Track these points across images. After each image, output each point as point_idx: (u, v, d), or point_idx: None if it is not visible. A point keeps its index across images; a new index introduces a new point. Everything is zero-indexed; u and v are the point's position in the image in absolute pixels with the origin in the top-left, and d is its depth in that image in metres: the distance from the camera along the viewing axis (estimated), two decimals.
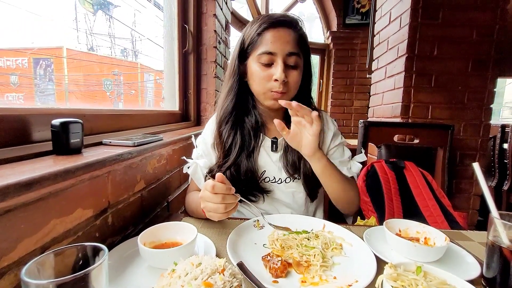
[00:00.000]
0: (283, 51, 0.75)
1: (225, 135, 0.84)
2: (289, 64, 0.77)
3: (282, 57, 0.75)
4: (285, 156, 0.85)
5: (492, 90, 1.72)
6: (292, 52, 0.76)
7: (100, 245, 0.36)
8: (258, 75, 0.78)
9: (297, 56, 0.77)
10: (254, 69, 0.79)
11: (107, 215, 0.61)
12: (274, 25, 0.76)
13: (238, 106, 0.84)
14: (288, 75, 0.76)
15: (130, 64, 4.49)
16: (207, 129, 0.92)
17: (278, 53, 0.75)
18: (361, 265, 0.56)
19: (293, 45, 0.76)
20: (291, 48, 0.76)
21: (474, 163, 0.57)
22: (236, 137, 0.84)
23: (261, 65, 0.77)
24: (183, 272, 0.41)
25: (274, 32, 0.75)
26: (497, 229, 0.48)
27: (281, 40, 0.75)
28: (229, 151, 0.84)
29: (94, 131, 0.79)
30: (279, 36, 0.75)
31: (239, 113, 0.85)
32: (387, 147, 1.63)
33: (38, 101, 2.35)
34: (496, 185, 2.45)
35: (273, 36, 0.75)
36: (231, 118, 0.84)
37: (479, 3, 1.66)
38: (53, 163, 0.50)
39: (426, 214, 1.20)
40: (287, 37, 0.76)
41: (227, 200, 0.63)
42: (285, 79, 0.75)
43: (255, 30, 0.77)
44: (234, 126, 0.84)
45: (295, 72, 0.78)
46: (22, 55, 2.48)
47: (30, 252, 0.41)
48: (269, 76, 0.76)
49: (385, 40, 2.01)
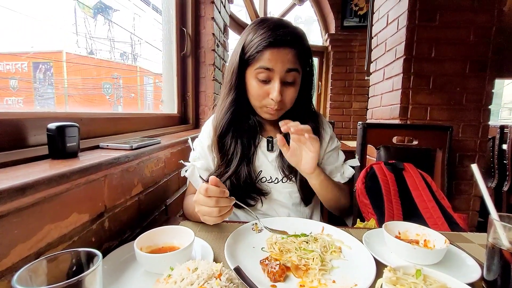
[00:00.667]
0: (282, 69, 0.74)
1: (227, 145, 0.84)
2: (287, 81, 0.76)
3: (279, 75, 0.74)
4: (281, 156, 0.85)
5: (490, 91, 1.73)
6: (291, 68, 0.74)
7: (94, 251, 0.35)
8: (255, 90, 0.77)
9: (295, 71, 0.76)
10: (251, 84, 0.78)
11: (104, 219, 0.60)
12: (274, 44, 0.73)
13: (238, 114, 0.84)
14: (284, 93, 0.76)
15: (130, 68, 4.50)
16: (204, 132, 0.92)
17: (276, 71, 0.74)
18: (360, 269, 0.56)
19: (292, 62, 0.75)
20: (290, 65, 0.74)
21: (473, 165, 0.56)
22: (237, 147, 0.83)
23: (258, 80, 0.76)
24: (179, 277, 0.40)
25: (274, 51, 0.73)
26: (497, 231, 0.48)
27: (280, 59, 0.74)
28: (230, 161, 0.83)
29: (91, 135, 0.79)
30: (279, 56, 0.73)
31: (239, 121, 0.84)
32: (386, 148, 1.63)
33: (38, 105, 2.36)
34: (496, 186, 2.44)
35: (272, 55, 0.73)
36: (232, 127, 0.84)
37: (475, 4, 1.67)
38: (49, 167, 0.50)
39: (426, 216, 1.20)
40: (287, 56, 0.74)
41: (221, 203, 0.61)
42: (280, 98, 0.75)
43: (255, 46, 0.74)
44: (235, 135, 0.84)
45: (292, 89, 0.77)
46: (21, 59, 2.49)
47: (24, 258, 0.41)
48: (265, 93, 0.77)
49: (383, 42, 2.02)
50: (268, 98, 0.77)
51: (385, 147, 1.63)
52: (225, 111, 0.83)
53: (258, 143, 0.87)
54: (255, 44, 0.74)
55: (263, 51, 0.73)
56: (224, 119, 0.83)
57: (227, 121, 0.83)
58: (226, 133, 0.84)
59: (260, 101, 0.79)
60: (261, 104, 0.79)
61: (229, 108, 0.83)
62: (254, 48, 0.74)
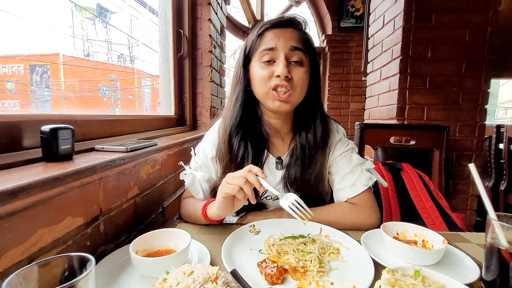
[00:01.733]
0: (286, 45, 0.71)
1: (235, 146, 0.79)
2: (293, 60, 0.72)
3: (284, 52, 0.71)
4: (287, 174, 0.81)
5: (486, 91, 1.74)
6: (295, 46, 0.71)
7: (87, 255, 0.35)
8: (260, 74, 0.73)
9: (301, 52, 0.72)
10: (256, 70, 0.75)
11: (99, 223, 0.60)
12: (275, 25, 0.73)
13: (246, 116, 0.80)
14: (291, 71, 0.71)
15: (127, 70, 4.49)
16: (208, 139, 0.87)
17: (279, 48, 0.71)
18: (358, 270, 0.55)
19: (296, 41, 0.72)
20: (294, 43, 0.71)
21: (470, 164, 0.56)
22: (248, 149, 0.78)
23: (262, 64, 0.73)
24: (175, 281, 0.39)
25: (275, 31, 0.72)
26: (495, 231, 0.48)
27: (283, 36, 0.71)
28: (241, 164, 0.77)
29: (86, 137, 0.78)
30: (281, 33, 0.72)
31: (248, 123, 0.80)
32: (384, 149, 1.63)
33: (34, 107, 2.34)
34: (493, 185, 2.45)
35: (273, 33, 0.72)
36: (241, 129, 0.79)
37: (471, 5, 1.68)
38: (42, 170, 0.49)
39: (424, 216, 1.20)
40: (289, 34, 0.72)
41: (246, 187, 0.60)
42: (288, 74, 0.70)
43: (256, 32, 0.75)
44: (244, 137, 0.79)
45: (301, 69, 0.72)
46: (18, 62, 2.47)
47: (16, 263, 0.40)
48: (270, 73, 0.72)
49: (380, 43, 2.02)
50: (273, 78, 0.72)
51: (382, 147, 1.63)
52: (232, 108, 0.80)
53: (265, 158, 0.82)
54: (256, 32, 0.74)
55: (264, 33, 0.73)
56: (233, 119, 0.79)
57: (236, 122, 0.79)
58: (236, 134, 0.79)
59: (266, 84, 0.73)
60: (267, 87, 0.73)
61: (238, 109, 0.79)
62: (255, 34, 0.74)
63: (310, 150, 0.80)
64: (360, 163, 0.82)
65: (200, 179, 0.83)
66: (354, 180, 0.79)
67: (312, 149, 0.80)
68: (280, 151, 0.84)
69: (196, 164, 0.86)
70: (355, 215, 0.76)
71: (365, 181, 0.79)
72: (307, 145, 0.80)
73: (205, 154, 0.85)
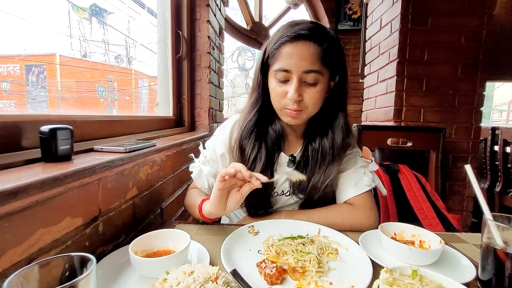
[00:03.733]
0: (299, 68, 0.69)
1: (248, 148, 0.79)
2: (307, 81, 0.71)
3: (297, 75, 0.70)
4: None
5: (482, 94, 1.76)
6: (309, 69, 0.69)
7: (88, 255, 0.35)
8: (275, 91, 0.74)
9: (316, 73, 0.70)
10: (272, 85, 0.75)
11: (98, 223, 0.59)
12: (292, 39, 0.69)
13: (262, 119, 0.80)
14: (304, 92, 0.72)
15: (124, 70, 4.47)
16: (219, 136, 0.88)
17: (293, 71, 0.70)
18: (357, 270, 0.56)
19: (312, 61, 0.69)
20: (308, 65, 0.69)
21: (466, 165, 0.57)
22: (261, 151, 0.79)
23: (277, 81, 0.73)
24: (175, 281, 0.39)
25: (291, 48, 0.69)
26: (491, 231, 0.49)
27: (297, 57, 0.69)
28: (253, 167, 0.78)
29: (85, 138, 0.78)
30: (296, 52, 0.69)
31: (262, 126, 0.81)
32: (381, 150, 1.65)
33: (30, 108, 2.32)
34: (489, 187, 2.48)
35: (289, 53, 0.70)
36: (254, 131, 0.80)
37: (466, 9, 1.71)
38: (41, 170, 0.49)
39: (420, 216, 1.21)
40: (305, 53, 0.69)
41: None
42: (298, 98, 0.71)
43: (274, 43, 0.72)
44: (257, 139, 0.80)
45: (313, 90, 0.72)
46: (14, 62, 2.44)
47: (15, 263, 0.40)
48: (284, 93, 0.73)
49: (377, 46, 2.04)
50: (286, 98, 0.73)
51: (379, 148, 1.64)
52: (247, 112, 0.81)
53: (277, 159, 0.83)
54: (274, 41, 0.73)
55: (280, 48, 0.71)
56: (246, 121, 0.80)
57: (250, 123, 0.80)
58: (249, 136, 0.80)
59: (279, 102, 0.75)
60: (280, 105, 0.75)
61: (251, 109, 0.80)
62: (273, 45, 0.73)
63: (322, 155, 0.80)
64: (363, 165, 0.84)
65: (206, 173, 0.85)
66: (357, 180, 0.81)
67: (325, 155, 0.80)
68: (292, 150, 0.85)
69: (204, 158, 0.88)
70: (354, 217, 0.77)
71: (368, 182, 0.81)
72: (319, 149, 0.80)
73: (214, 150, 0.87)
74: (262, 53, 0.77)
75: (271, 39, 0.75)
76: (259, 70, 0.77)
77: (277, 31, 0.74)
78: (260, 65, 0.77)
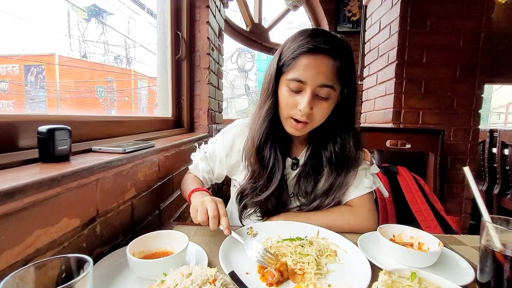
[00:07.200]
0: (315, 81, 0.68)
1: (266, 156, 0.78)
2: (320, 95, 0.70)
3: (312, 88, 0.68)
4: (298, 182, 0.81)
5: (480, 96, 1.77)
6: (325, 84, 0.68)
7: (85, 257, 0.34)
8: (285, 100, 0.72)
9: (330, 88, 0.69)
10: (282, 93, 0.73)
11: (95, 224, 0.59)
12: (312, 51, 0.67)
13: (275, 126, 0.78)
14: (314, 106, 0.70)
15: (124, 71, 4.47)
16: (221, 139, 0.88)
17: (308, 83, 0.68)
18: (355, 272, 0.56)
19: (328, 76, 0.68)
20: (324, 80, 0.68)
21: (465, 167, 0.57)
22: (277, 157, 0.78)
23: (289, 90, 0.71)
24: (173, 283, 0.39)
25: (310, 60, 0.68)
26: (489, 233, 0.49)
27: (315, 70, 0.67)
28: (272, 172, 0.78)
29: (83, 138, 0.77)
30: (314, 65, 0.68)
31: (276, 132, 0.79)
32: (380, 152, 1.65)
33: (29, 108, 2.31)
34: (487, 189, 2.49)
35: (307, 64, 0.68)
36: (270, 140, 0.78)
37: (464, 12, 1.72)
38: (39, 171, 0.48)
39: (419, 218, 1.21)
40: (323, 67, 0.68)
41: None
42: (310, 111, 0.70)
43: (292, 52, 0.70)
44: (272, 146, 0.78)
45: (324, 105, 0.71)
46: (13, 62, 2.44)
47: (11, 265, 0.40)
48: (295, 103, 0.71)
49: (376, 48, 2.05)
50: (296, 108, 0.71)
51: (378, 150, 1.64)
52: (262, 120, 0.77)
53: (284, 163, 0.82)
54: (292, 50, 0.70)
55: (298, 57, 0.68)
56: (262, 129, 0.77)
57: (264, 132, 0.77)
58: (264, 144, 0.78)
59: (287, 111, 0.73)
60: (288, 114, 0.74)
61: (266, 117, 0.77)
62: (290, 54, 0.70)
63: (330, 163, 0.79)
64: (365, 167, 0.84)
65: (201, 169, 0.90)
66: (359, 182, 0.81)
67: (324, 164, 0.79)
68: (295, 153, 0.85)
69: (204, 154, 0.91)
70: (353, 219, 0.77)
71: (369, 184, 0.80)
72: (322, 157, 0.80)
73: (214, 152, 0.89)
74: (276, 59, 0.74)
75: (288, 46, 0.72)
76: (274, 75, 0.74)
77: (295, 38, 0.72)
78: (274, 72, 0.74)
